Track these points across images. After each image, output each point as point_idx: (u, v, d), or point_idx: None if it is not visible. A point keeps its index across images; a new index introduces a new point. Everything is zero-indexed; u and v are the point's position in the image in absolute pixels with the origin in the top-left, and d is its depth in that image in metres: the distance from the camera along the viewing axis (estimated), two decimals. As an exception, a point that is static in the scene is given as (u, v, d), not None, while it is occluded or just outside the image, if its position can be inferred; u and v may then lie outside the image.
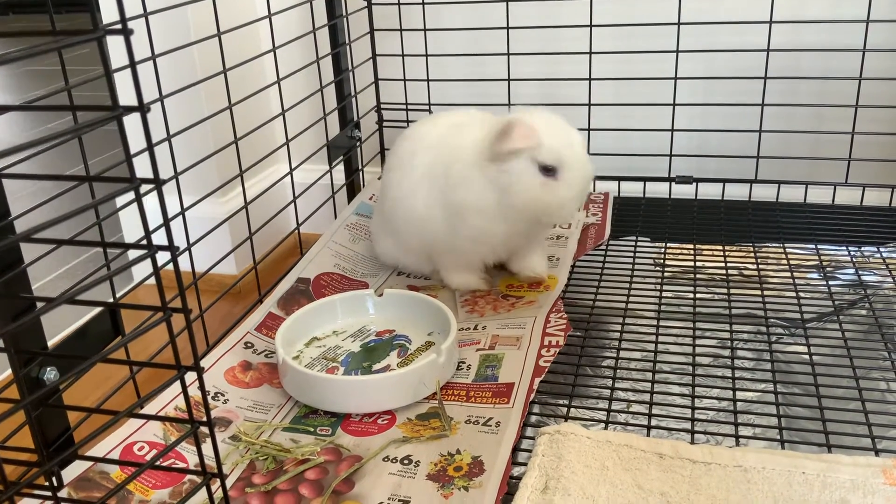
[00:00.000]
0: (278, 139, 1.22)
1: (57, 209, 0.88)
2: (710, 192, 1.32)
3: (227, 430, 0.81)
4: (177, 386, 0.73)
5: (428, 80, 1.37)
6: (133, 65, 0.41)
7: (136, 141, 0.84)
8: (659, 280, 1.08)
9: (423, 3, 1.34)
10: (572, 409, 0.82)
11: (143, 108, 0.41)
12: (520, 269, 1.08)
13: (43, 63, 3.36)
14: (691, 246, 1.17)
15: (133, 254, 1.22)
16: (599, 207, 1.30)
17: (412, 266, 1.12)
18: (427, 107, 1.38)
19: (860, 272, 1.06)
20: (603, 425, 0.79)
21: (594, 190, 1.37)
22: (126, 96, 0.45)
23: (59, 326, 1.15)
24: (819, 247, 1.14)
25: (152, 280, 0.96)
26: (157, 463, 0.53)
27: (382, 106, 1.42)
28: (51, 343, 0.72)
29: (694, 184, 1.31)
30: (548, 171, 0.93)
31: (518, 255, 1.08)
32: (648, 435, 0.77)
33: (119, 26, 0.41)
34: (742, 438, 0.76)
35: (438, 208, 1.01)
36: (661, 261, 1.14)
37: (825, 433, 0.76)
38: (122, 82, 0.62)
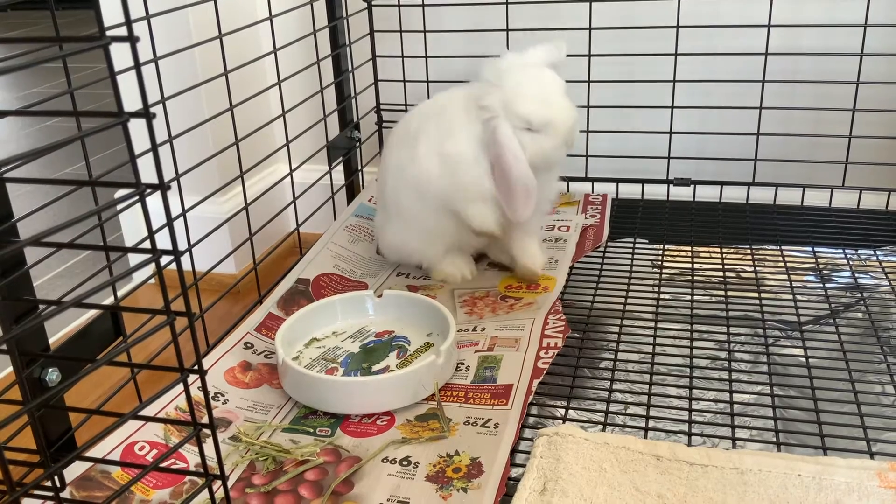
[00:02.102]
0: (278, 140, 1.22)
1: (57, 209, 0.89)
2: (707, 194, 1.33)
3: (227, 431, 0.82)
4: (177, 386, 0.73)
5: (427, 82, 1.38)
6: (139, 72, 0.42)
7: (137, 142, 0.84)
8: (657, 282, 1.09)
9: (423, 5, 1.34)
10: (570, 411, 0.83)
11: (148, 115, 0.41)
12: (516, 255, 1.09)
13: (42, 60, 3.35)
14: (689, 248, 1.17)
15: (134, 255, 1.22)
16: (598, 209, 1.31)
17: (416, 250, 1.11)
18: (426, 108, 1.38)
19: (857, 275, 1.07)
20: (601, 427, 0.80)
21: (593, 191, 1.37)
22: (129, 99, 0.46)
23: (59, 325, 1.15)
24: (816, 249, 1.14)
25: (152, 278, 0.96)
26: (159, 464, 0.53)
27: (382, 107, 1.42)
28: (52, 342, 0.72)
29: (692, 186, 1.32)
30: (528, 129, 0.97)
31: (514, 241, 1.08)
32: (646, 437, 0.78)
33: (125, 33, 0.42)
34: (738, 441, 0.77)
35: (435, 161, 1.02)
36: (659, 263, 1.14)
37: (821, 436, 0.77)
38: (125, 84, 0.62)
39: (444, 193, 1.02)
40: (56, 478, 0.68)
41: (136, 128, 0.54)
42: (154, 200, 1.18)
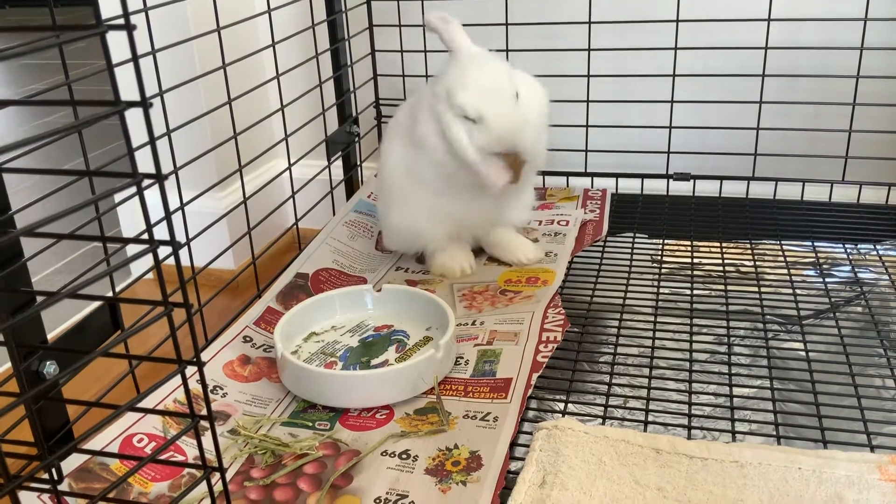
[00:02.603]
0: (277, 134, 1.22)
1: (55, 203, 0.88)
2: (707, 189, 1.32)
3: (226, 424, 0.81)
4: (176, 378, 0.73)
5: (426, 77, 1.37)
6: (136, 61, 0.41)
7: (135, 135, 0.84)
8: (656, 276, 1.09)
9: (423, 0, 1.34)
10: (570, 405, 0.83)
11: (145, 104, 0.41)
12: (508, 252, 1.13)
13: (41, 57, 3.35)
14: (689, 242, 1.17)
15: (132, 248, 1.22)
16: (597, 204, 1.31)
17: (421, 231, 1.10)
18: (426, 102, 1.37)
19: (856, 269, 1.07)
20: (600, 420, 0.80)
21: (592, 186, 1.37)
22: (126, 91, 0.45)
23: (58, 320, 1.15)
24: (816, 244, 1.14)
25: (150, 274, 0.96)
26: (157, 456, 0.53)
27: (381, 102, 1.42)
28: (50, 336, 0.72)
29: (691, 181, 1.32)
30: (472, 120, 0.97)
31: (500, 234, 1.13)
32: (645, 430, 0.78)
33: (121, 22, 0.41)
34: (738, 434, 0.77)
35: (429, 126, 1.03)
36: (659, 257, 1.14)
37: (821, 429, 0.77)
38: (122, 76, 0.62)
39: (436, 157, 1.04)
40: (53, 470, 0.68)
41: (134, 120, 0.54)
42: (152, 195, 1.17)
